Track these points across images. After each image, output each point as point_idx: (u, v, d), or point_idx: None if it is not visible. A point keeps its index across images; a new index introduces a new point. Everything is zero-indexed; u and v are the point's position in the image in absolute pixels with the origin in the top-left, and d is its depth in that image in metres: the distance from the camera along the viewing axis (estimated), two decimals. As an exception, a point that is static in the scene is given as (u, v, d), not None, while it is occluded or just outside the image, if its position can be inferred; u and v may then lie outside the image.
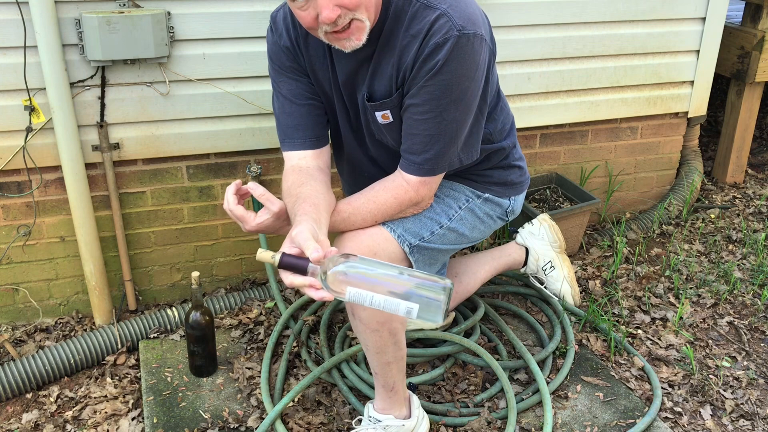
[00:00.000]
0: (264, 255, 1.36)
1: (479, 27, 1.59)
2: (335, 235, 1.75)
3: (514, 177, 2.01)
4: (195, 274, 2.08)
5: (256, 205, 2.47)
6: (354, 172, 1.99)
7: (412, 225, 1.79)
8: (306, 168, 1.77)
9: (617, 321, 2.50)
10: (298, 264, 1.34)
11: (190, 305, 2.16)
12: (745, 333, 2.46)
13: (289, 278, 1.36)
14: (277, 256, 1.35)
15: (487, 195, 1.96)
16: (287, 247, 1.40)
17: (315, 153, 1.81)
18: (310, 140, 1.81)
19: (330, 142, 1.90)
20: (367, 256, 1.64)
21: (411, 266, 1.82)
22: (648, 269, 2.82)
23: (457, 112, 1.63)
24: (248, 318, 2.45)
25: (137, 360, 2.31)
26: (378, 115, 1.72)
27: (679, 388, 2.19)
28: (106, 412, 2.09)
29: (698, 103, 3.14)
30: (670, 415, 2.08)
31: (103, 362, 2.31)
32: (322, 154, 1.83)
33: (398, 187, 1.73)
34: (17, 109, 2.22)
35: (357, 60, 1.68)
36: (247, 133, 2.48)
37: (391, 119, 1.72)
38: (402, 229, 1.77)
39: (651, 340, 2.41)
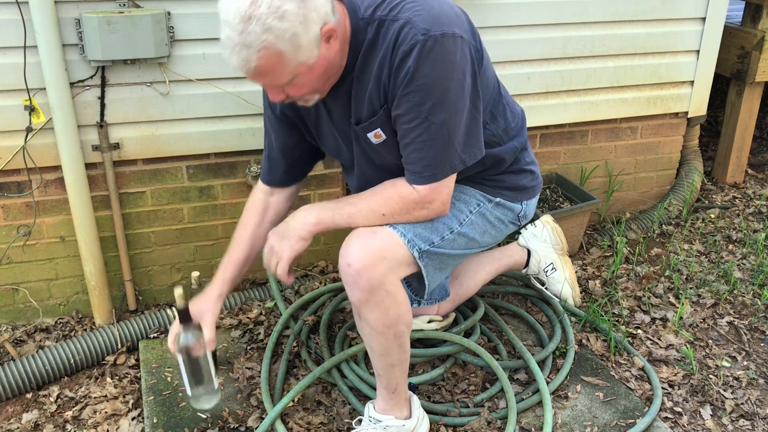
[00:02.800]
0: (178, 294, 1.74)
1: (449, 26, 1.58)
2: (346, 233, 1.74)
3: (526, 181, 1.99)
4: (195, 274, 2.08)
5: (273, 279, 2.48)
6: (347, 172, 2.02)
7: (423, 230, 1.78)
8: (265, 205, 2.00)
9: (617, 321, 2.50)
10: (185, 323, 1.78)
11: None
12: (745, 333, 2.46)
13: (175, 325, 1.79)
14: (180, 304, 1.75)
15: (498, 199, 1.94)
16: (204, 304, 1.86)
17: (279, 189, 2.01)
18: (278, 180, 1.99)
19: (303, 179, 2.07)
20: (375, 258, 1.68)
21: (420, 271, 1.82)
22: (648, 269, 2.82)
23: (444, 114, 1.62)
24: (248, 318, 2.45)
25: (137, 360, 2.31)
26: (370, 135, 1.73)
27: (679, 388, 2.19)
28: (106, 412, 2.09)
29: (698, 103, 3.14)
30: (670, 415, 2.08)
31: (103, 362, 2.31)
32: (286, 191, 2.02)
33: (405, 187, 1.72)
34: (17, 109, 2.22)
35: (343, 90, 1.71)
36: (247, 133, 2.48)
37: (384, 137, 1.72)
38: (412, 233, 1.76)
39: (651, 340, 2.41)
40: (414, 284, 1.91)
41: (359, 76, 1.67)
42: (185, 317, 1.81)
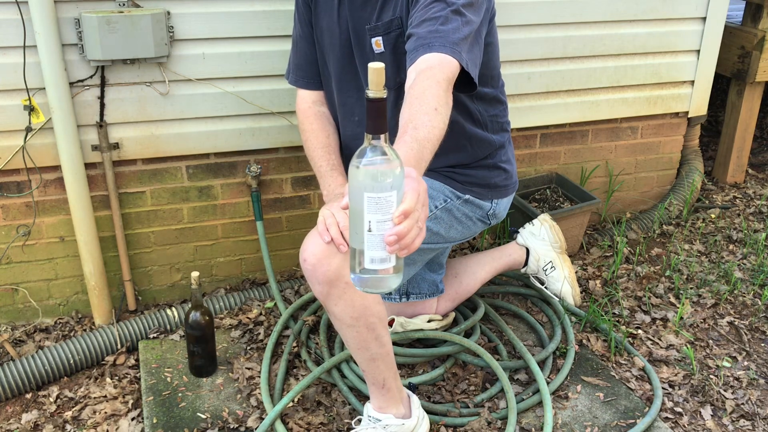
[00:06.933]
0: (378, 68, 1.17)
1: None
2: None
3: (498, 180, 2.00)
4: (195, 274, 2.08)
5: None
6: (347, 115, 2.01)
7: None
8: (324, 114, 2.04)
9: (618, 321, 2.49)
10: (377, 123, 1.15)
11: (189, 305, 2.16)
12: (745, 333, 2.46)
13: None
14: (377, 93, 1.15)
15: (467, 196, 1.96)
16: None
17: (322, 94, 2.05)
18: (315, 79, 2.04)
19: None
20: (330, 251, 1.64)
21: None
22: (648, 269, 2.81)
23: (462, 4, 1.63)
24: (248, 318, 2.45)
25: (137, 360, 2.31)
26: (373, 41, 1.77)
27: (679, 389, 2.19)
28: (105, 412, 2.09)
29: (699, 103, 3.14)
30: (670, 416, 2.08)
31: (103, 362, 2.30)
32: (323, 96, 2.06)
33: (416, 71, 1.54)
34: (17, 108, 2.22)
35: None
36: (246, 133, 2.48)
37: (382, 48, 1.76)
38: None
39: (651, 340, 2.41)
40: None
41: None
42: (378, 117, 1.13)
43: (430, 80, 1.49)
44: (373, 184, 1.11)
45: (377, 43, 1.77)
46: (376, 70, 1.12)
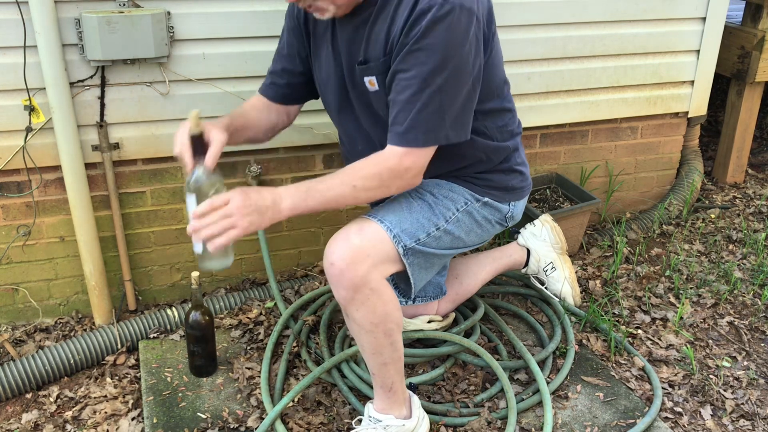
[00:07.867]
0: (193, 115, 1.67)
1: (468, 2, 1.61)
2: (330, 234, 1.74)
3: (515, 182, 2.00)
4: (195, 274, 2.08)
5: None
6: (351, 145, 2.00)
7: (409, 225, 1.79)
8: (264, 103, 2.03)
9: (617, 321, 2.49)
10: (198, 151, 1.67)
11: (189, 305, 2.16)
12: (745, 333, 2.46)
13: (181, 145, 1.68)
14: (195, 131, 1.66)
15: (486, 199, 1.95)
16: (214, 131, 1.71)
17: (279, 106, 2.04)
18: (282, 95, 2.02)
19: (299, 109, 2.11)
20: (358, 256, 1.68)
21: (405, 269, 1.82)
22: (648, 269, 2.81)
23: (443, 82, 1.62)
24: (248, 318, 2.45)
25: (137, 360, 2.31)
26: (366, 80, 1.75)
27: (679, 388, 2.19)
28: (105, 412, 2.09)
29: (698, 103, 3.14)
30: (670, 415, 2.08)
31: (103, 362, 2.31)
32: (286, 109, 2.06)
33: (380, 155, 1.69)
34: (17, 108, 2.22)
35: (354, 24, 1.73)
36: (247, 132, 2.48)
37: (376, 87, 1.73)
38: (399, 229, 1.77)
39: (651, 340, 2.41)
40: (401, 286, 1.92)
41: (377, 15, 1.69)
42: (199, 148, 1.65)
43: (378, 167, 1.67)
44: (186, 188, 1.64)
45: (371, 83, 1.74)
46: (194, 116, 1.66)
